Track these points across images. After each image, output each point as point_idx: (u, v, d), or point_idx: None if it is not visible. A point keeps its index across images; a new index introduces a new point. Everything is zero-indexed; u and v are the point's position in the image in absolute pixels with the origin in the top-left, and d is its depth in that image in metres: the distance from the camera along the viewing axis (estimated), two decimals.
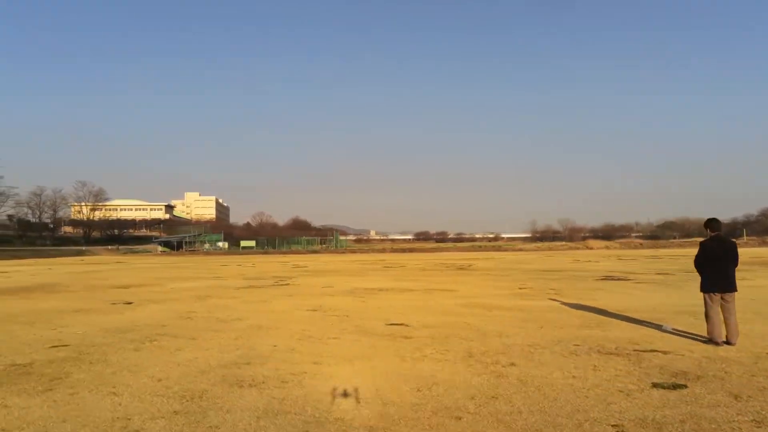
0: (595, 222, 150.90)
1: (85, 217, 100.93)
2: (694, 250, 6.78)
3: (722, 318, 6.14)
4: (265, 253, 60.30)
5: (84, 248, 78.21)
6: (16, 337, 7.22)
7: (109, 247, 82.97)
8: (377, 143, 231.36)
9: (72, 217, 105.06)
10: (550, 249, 58.93)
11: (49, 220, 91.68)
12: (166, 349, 6.11)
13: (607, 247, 59.91)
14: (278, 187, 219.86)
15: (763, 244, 60.78)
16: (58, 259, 52.32)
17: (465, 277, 18.22)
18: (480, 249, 61.14)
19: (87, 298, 12.59)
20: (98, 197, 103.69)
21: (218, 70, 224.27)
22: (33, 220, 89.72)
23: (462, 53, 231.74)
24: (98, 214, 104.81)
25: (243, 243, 70.12)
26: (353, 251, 60.76)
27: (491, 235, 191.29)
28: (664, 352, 5.61)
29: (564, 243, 68.99)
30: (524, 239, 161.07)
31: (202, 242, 70.58)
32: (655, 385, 4.34)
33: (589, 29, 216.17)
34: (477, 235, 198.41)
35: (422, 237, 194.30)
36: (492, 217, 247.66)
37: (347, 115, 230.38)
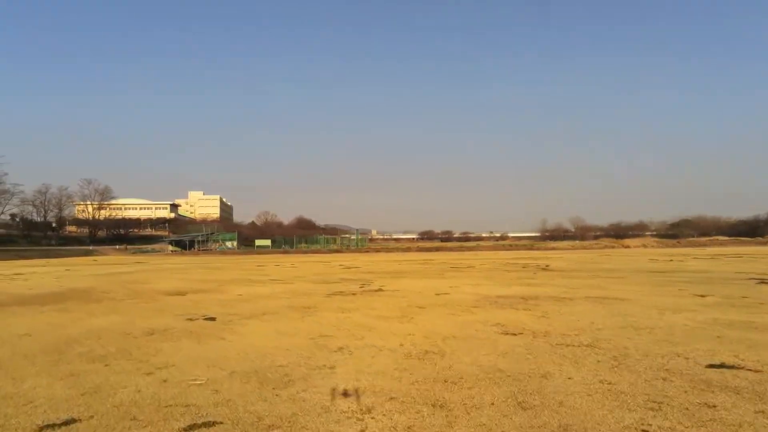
0: (597, 220, 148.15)
1: (90, 216, 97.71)
2: (745, 249, 3.76)
3: None
4: (285, 252, 57.22)
5: (91, 248, 75.03)
6: (107, 396, 4.12)
7: (117, 246, 79.91)
8: (377, 143, 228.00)
9: (77, 216, 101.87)
10: (584, 248, 55.87)
11: (53, 219, 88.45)
12: None
13: (644, 246, 56.73)
14: (279, 187, 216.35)
15: None
16: (68, 259, 49.27)
17: (584, 280, 15.10)
18: (511, 248, 58.00)
19: (145, 310, 9.52)
20: (104, 196, 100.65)
21: (218, 70, 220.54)
22: (38, 219, 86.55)
23: (462, 52, 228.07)
24: (104, 213, 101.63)
25: (258, 242, 66.93)
26: (377, 250, 57.67)
27: (497, 234, 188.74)
28: None
29: (597, 242, 65.77)
30: (532, 238, 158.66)
31: (216, 241, 67.40)
32: None
33: (598, 23, 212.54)
34: (483, 234, 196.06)
35: (426, 236, 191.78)
36: (491, 217, 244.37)
37: (348, 115, 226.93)
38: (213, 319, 8.38)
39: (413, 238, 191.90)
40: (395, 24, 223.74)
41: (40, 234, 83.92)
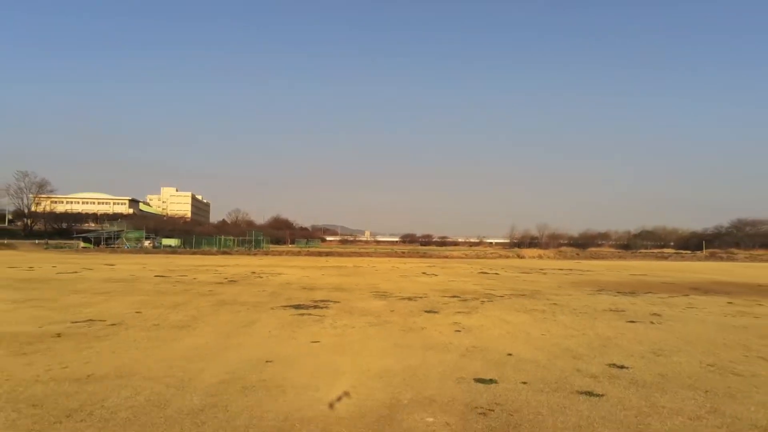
0: (579, 228, 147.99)
1: (25, 209, 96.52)
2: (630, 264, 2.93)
3: None
4: (173, 253, 55.92)
5: (6, 242, 73.74)
6: None
7: (36, 241, 78.54)
8: (376, 146, 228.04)
9: (35, 209, 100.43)
10: (477, 257, 54.69)
11: None
12: None
13: (540, 257, 55.45)
14: (277, 186, 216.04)
15: (711, 257, 56.62)
16: None
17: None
18: (403, 255, 56.73)
19: None
20: (42, 188, 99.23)
21: (218, 65, 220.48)
22: None
23: (459, 56, 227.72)
24: (45, 206, 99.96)
25: (165, 241, 65.81)
26: (266, 253, 56.32)
27: (473, 240, 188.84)
28: None
29: (497, 252, 64.50)
30: (503, 245, 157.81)
31: (122, 239, 66.28)
32: None
33: (572, 29, 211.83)
34: (459, 239, 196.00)
35: (408, 239, 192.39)
36: (477, 219, 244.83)
37: (346, 118, 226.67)
38: None
39: (395, 241, 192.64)
40: (390, 23, 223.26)
41: None
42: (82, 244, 70.29)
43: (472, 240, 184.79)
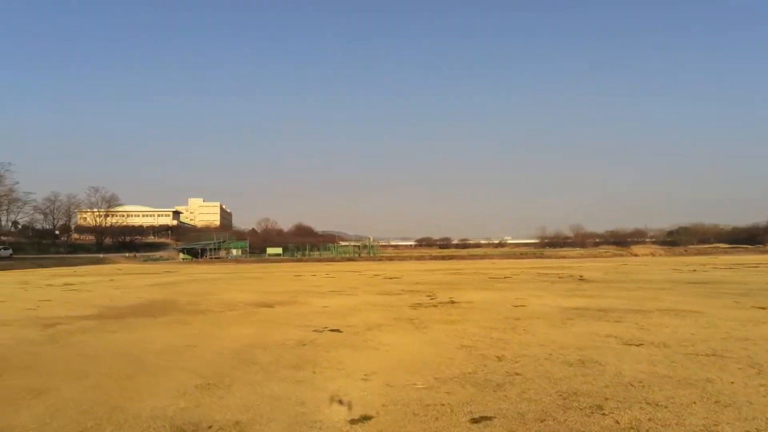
0: (594, 228, 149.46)
1: (96, 224, 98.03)
2: (755, 258, 4.79)
3: None
4: (299, 260, 57.89)
5: (101, 256, 75.41)
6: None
7: (126, 254, 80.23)
8: (373, 150, 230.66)
9: (79, 223, 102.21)
10: (592, 256, 57.02)
11: (62, 227, 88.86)
12: None
13: (652, 254, 57.90)
14: (275, 194, 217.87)
15: None
16: (91, 267, 49.80)
17: (634, 291, 16.09)
18: (522, 256, 58.95)
19: (262, 322, 10.35)
20: (111, 203, 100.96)
21: (219, 76, 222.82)
22: (47, 226, 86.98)
23: (463, 57, 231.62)
24: (110, 221, 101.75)
25: (270, 250, 67.65)
26: (390, 258, 58.50)
27: (495, 241, 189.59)
28: None
29: (605, 249, 66.74)
30: (532, 245, 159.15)
31: (228, 250, 68.09)
32: None
33: (596, 30, 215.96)
34: (481, 241, 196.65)
35: (425, 243, 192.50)
36: (485, 223, 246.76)
37: (343, 122, 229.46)
38: (339, 330, 9.25)
39: (411, 245, 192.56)
40: (393, 31, 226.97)
41: (49, 242, 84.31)
42: (181, 256, 72.04)
43: (494, 241, 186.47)
